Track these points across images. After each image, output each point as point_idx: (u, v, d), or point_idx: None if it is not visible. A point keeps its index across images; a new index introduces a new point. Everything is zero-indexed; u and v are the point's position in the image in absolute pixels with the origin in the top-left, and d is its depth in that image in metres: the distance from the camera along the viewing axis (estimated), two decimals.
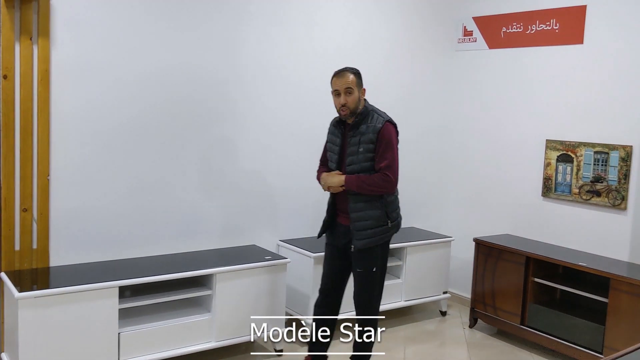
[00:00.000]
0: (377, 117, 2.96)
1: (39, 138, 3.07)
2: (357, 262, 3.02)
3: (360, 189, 2.93)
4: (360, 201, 2.95)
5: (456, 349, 3.85)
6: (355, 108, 2.96)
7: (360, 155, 2.93)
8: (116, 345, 2.99)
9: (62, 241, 3.19)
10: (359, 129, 2.95)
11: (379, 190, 2.93)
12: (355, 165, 2.95)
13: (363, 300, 3.05)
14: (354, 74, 2.97)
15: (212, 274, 3.29)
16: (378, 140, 2.91)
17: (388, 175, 2.91)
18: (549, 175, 4.07)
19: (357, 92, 2.96)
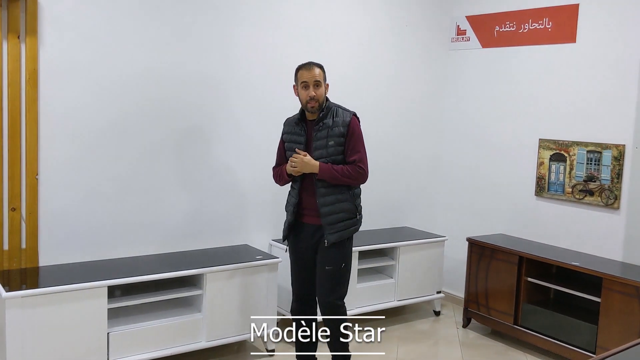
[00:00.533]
0: (342, 111, 2.97)
1: (27, 137, 3.05)
2: (326, 259, 2.96)
3: (334, 179, 2.90)
4: (329, 194, 2.92)
5: (450, 349, 3.83)
6: (322, 102, 2.95)
7: (331, 148, 2.91)
8: (105, 345, 2.97)
9: (51, 241, 3.18)
10: (325, 123, 2.93)
11: (352, 181, 2.94)
12: (325, 159, 2.92)
13: (333, 299, 2.98)
14: (320, 68, 2.97)
15: (202, 274, 3.27)
16: (349, 134, 2.91)
17: (362, 167, 2.93)
18: (542, 174, 4.06)
19: (323, 86, 2.96)
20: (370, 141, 4.39)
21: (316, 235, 2.99)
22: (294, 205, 3.03)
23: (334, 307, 2.99)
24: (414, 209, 4.73)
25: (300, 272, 3.10)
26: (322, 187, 2.93)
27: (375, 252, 4.15)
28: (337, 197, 2.93)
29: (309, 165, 2.92)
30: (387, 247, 4.10)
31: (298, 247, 3.08)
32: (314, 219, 2.98)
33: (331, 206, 2.93)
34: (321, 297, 3.01)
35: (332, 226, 2.92)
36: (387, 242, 4.09)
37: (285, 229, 3.09)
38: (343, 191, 2.94)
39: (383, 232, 4.39)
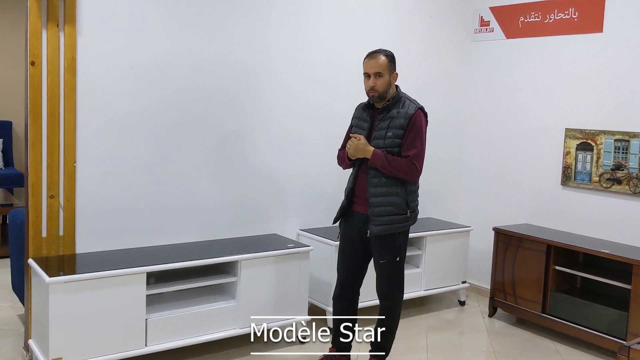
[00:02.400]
0: (409, 103, 2.91)
1: (65, 125, 3.08)
2: (379, 252, 2.94)
3: (384, 169, 2.84)
4: (381, 185, 2.87)
5: (477, 338, 3.86)
6: (384, 92, 2.89)
7: (388, 139, 2.86)
8: (143, 331, 3.00)
9: (88, 228, 3.20)
10: (389, 113, 2.89)
11: (403, 175, 2.86)
12: (381, 150, 2.89)
13: (388, 292, 3.00)
14: (387, 56, 2.89)
15: (237, 261, 3.29)
16: (409, 127, 2.85)
17: (415, 164, 2.85)
18: (569, 163, 4.08)
19: (387, 75, 2.88)
20: None
21: (365, 224, 2.94)
22: (349, 191, 3.02)
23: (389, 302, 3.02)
24: (439, 200, 4.75)
25: (345, 259, 3.08)
26: (374, 177, 2.88)
27: None
28: (389, 189, 2.87)
29: (362, 150, 2.89)
30: (414, 236, 4.11)
31: (347, 234, 3.06)
32: (364, 208, 2.95)
33: (381, 198, 2.87)
34: (379, 287, 3.02)
35: (377, 218, 2.87)
36: (414, 232, 4.10)
37: (338, 212, 3.07)
38: (396, 184, 2.88)
39: None
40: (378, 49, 2.93)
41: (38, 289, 2.95)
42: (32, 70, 2.96)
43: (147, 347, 3.02)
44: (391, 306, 3.03)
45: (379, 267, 2.97)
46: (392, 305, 3.03)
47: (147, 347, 3.02)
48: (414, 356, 3.48)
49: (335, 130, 3.52)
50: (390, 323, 3.05)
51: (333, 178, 3.88)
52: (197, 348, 3.34)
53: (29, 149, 3.01)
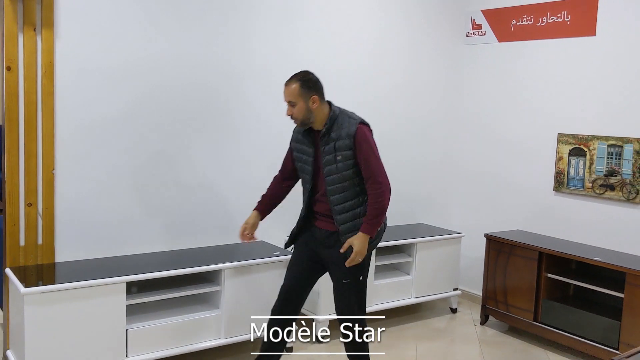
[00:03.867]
0: (348, 120, 2.69)
1: (43, 131, 3.01)
2: (342, 270, 2.73)
3: (377, 224, 2.69)
4: (346, 211, 2.70)
5: (468, 347, 3.78)
6: (305, 118, 2.69)
7: (340, 164, 2.66)
8: (124, 342, 2.93)
9: (68, 236, 3.13)
10: (331, 135, 2.68)
11: (385, 204, 2.68)
12: (336, 176, 2.68)
13: (349, 313, 2.79)
14: (300, 81, 2.67)
15: (221, 270, 3.22)
16: (356, 146, 2.65)
17: (380, 183, 2.66)
18: (561, 169, 4.01)
19: (302, 102, 2.65)
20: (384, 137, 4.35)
21: (329, 239, 2.78)
22: (303, 218, 2.87)
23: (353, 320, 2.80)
24: (429, 206, 4.68)
25: (295, 266, 2.91)
26: (336, 203, 2.71)
27: (392, 249, 4.10)
28: (354, 212, 2.71)
29: (363, 246, 2.66)
30: (404, 243, 4.04)
31: (305, 242, 2.89)
32: (328, 225, 2.77)
33: (349, 224, 2.70)
34: (342, 310, 2.81)
35: (347, 235, 2.70)
36: (404, 239, 4.04)
37: (289, 238, 2.94)
38: (358, 201, 2.71)
39: (399, 229, 4.33)
40: (294, 75, 2.71)
41: (14, 300, 2.88)
42: (8, 75, 2.89)
43: (127, 359, 2.94)
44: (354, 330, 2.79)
45: (342, 286, 2.78)
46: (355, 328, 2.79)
47: (128, 358, 2.94)
48: None
49: None
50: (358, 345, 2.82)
51: None
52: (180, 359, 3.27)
53: (5, 156, 2.94)
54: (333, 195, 2.71)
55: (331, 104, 2.76)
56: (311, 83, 2.70)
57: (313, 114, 2.69)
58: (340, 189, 2.70)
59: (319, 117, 2.71)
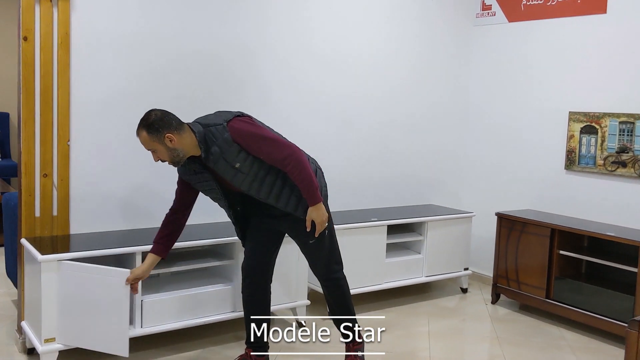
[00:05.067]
0: (215, 130, 2.51)
1: (59, 102, 3.02)
2: (304, 234, 2.69)
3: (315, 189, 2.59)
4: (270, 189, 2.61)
5: (481, 324, 3.78)
6: (174, 158, 2.53)
7: (245, 168, 2.54)
8: (139, 313, 2.93)
9: (83, 208, 3.14)
10: (213, 153, 2.51)
11: (306, 169, 2.56)
12: (247, 179, 2.57)
13: (328, 271, 2.80)
14: (146, 128, 2.50)
15: (234, 243, 3.22)
16: (242, 144, 2.51)
17: (286, 157, 2.53)
18: (572, 147, 4.01)
19: (160, 146, 2.50)
20: (395, 119, 4.41)
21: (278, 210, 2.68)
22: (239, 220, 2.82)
23: (334, 283, 2.83)
24: (440, 187, 4.68)
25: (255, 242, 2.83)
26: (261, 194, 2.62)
27: (403, 228, 4.10)
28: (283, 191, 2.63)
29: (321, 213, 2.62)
30: (415, 222, 4.05)
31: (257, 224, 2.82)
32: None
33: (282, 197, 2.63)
34: (318, 269, 2.82)
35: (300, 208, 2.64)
36: (416, 217, 4.04)
37: (239, 233, 2.86)
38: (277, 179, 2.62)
39: (409, 208, 4.34)
40: (139, 122, 2.53)
41: (31, 269, 2.88)
42: (25, 45, 2.90)
43: (142, 329, 2.95)
44: (335, 284, 2.83)
45: (310, 247, 2.76)
46: (336, 283, 2.83)
47: (143, 328, 2.95)
48: (416, 343, 3.41)
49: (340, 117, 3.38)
50: (341, 300, 2.85)
51: (334, 166, 3.82)
52: (193, 331, 3.28)
53: (22, 127, 2.95)
54: (258, 194, 2.62)
55: (192, 126, 2.55)
56: (157, 124, 2.48)
57: (178, 150, 2.50)
58: (259, 185, 2.60)
59: (188, 147, 2.52)
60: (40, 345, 2.71)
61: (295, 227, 2.73)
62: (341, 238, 3.07)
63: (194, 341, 3.24)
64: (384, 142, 4.31)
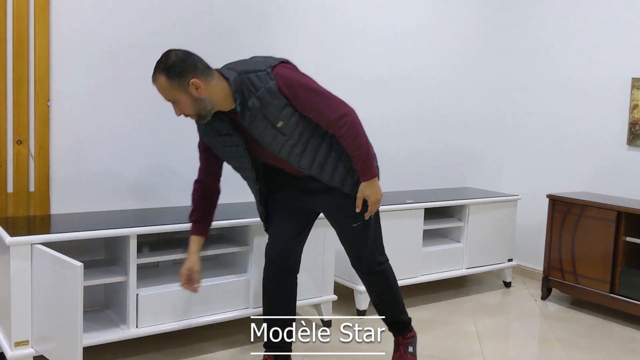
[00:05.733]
0: (257, 78, 2.01)
1: (36, 54, 2.49)
2: (348, 215, 2.22)
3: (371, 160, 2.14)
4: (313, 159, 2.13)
5: (533, 323, 3.25)
6: (200, 111, 2.03)
7: (285, 129, 2.05)
8: (134, 309, 2.39)
9: (66, 183, 2.61)
10: (250, 107, 2.01)
11: (362, 135, 2.10)
12: (293, 145, 2.09)
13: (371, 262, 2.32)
14: (165, 72, 1.97)
15: (249, 226, 2.68)
16: (289, 99, 2.02)
17: (342, 117, 2.05)
18: (637, 119, 3.46)
19: (183, 95, 1.99)
20: (425, 89, 3.87)
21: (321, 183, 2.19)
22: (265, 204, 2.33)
23: (379, 275, 2.36)
24: (478, 168, 4.14)
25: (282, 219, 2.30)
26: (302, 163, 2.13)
27: (440, 212, 3.56)
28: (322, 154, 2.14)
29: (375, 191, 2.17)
30: (454, 205, 3.50)
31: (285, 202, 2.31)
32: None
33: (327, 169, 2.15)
34: (358, 262, 2.34)
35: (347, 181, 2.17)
36: (455, 199, 3.50)
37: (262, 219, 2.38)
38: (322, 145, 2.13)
39: (445, 191, 3.80)
40: (156, 65, 2.00)
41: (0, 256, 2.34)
42: None
43: (137, 329, 2.41)
44: (380, 277, 2.36)
45: (353, 233, 2.27)
46: (382, 275, 2.36)
47: (139, 328, 2.41)
48: (465, 343, 2.87)
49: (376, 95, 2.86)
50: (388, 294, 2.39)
51: None
52: (200, 332, 2.74)
53: None
54: (299, 161, 2.13)
55: (223, 72, 2.05)
56: (179, 67, 1.97)
57: (205, 100, 2.01)
58: (301, 150, 2.11)
59: (219, 98, 2.04)
60: (10, 349, 2.18)
61: (337, 205, 2.24)
62: None
63: (201, 344, 2.70)
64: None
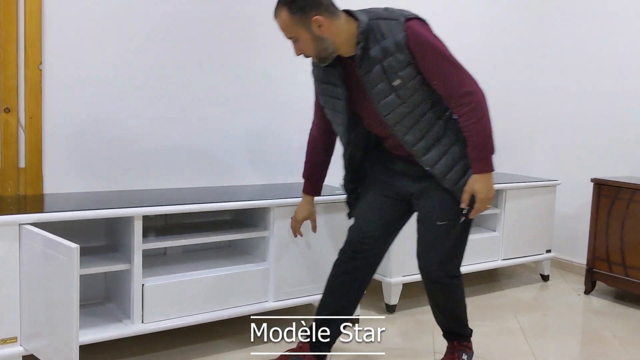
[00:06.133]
0: (387, 25, 1.78)
1: (27, 10, 2.18)
2: (437, 211, 1.94)
3: (490, 151, 1.84)
4: (421, 137, 1.87)
5: (584, 320, 2.94)
6: (320, 51, 1.82)
7: (401, 91, 1.80)
8: (139, 302, 2.08)
9: (61, 158, 2.31)
10: (371, 56, 1.78)
11: (487, 119, 1.83)
12: (404, 114, 1.83)
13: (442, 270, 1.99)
14: (287, 5, 1.78)
15: (269, 208, 2.37)
16: (416, 57, 1.77)
17: (470, 94, 1.80)
18: None
19: (304, 32, 1.80)
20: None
21: (419, 169, 1.93)
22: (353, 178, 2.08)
23: (447, 284, 2.03)
24: (509, 151, 3.80)
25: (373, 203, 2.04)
26: (407, 138, 1.87)
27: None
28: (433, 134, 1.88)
29: (488, 188, 1.86)
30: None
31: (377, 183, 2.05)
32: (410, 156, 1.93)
33: (433, 151, 1.87)
34: (426, 265, 2.01)
35: (451, 174, 1.89)
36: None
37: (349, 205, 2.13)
38: (435, 124, 1.87)
39: None
40: (277, 3, 1.82)
41: None
42: None
43: (143, 325, 2.10)
44: (448, 287, 2.03)
45: (435, 231, 1.96)
46: (447, 289, 2.04)
47: (145, 324, 2.10)
48: (511, 341, 2.55)
49: None
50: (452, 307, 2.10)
51: None
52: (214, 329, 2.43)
53: None
54: (404, 135, 1.87)
55: (352, 12, 1.84)
56: (302, 1, 1.78)
57: (327, 40, 1.81)
58: (411, 122, 1.86)
59: (341, 39, 1.82)
60: None
61: (430, 195, 1.95)
62: None
63: (215, 341, 2.38)
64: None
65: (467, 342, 2.17)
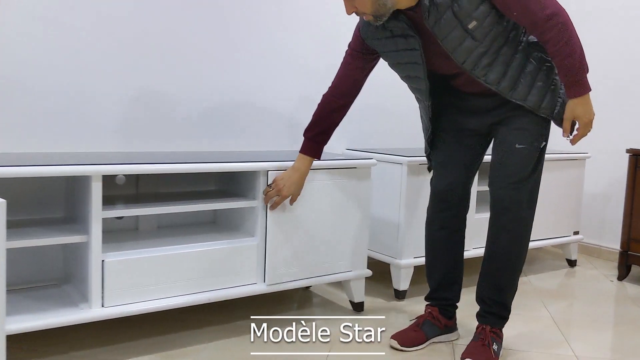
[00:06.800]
0: None
1: None
2: (517, 134, 1.77)
3: (584, 71, 1.69)
4: (504, 72, 1.70)
5: (623, 308, 2.55)
6: (378, 7, 1.62)
7: (480, 32, 1.63)
8: (98, 281, 1.70)
9: (7, 114, 1.91)
10: (439, 3, 1.60)
11: (575, 36, 1.64)
12: (482, 54, 1.67)
13: (512, 201, 1.78)
14: None
15: (258, 172, 1.98)
16: None
17: (552, 16, 1.59)
18: None
19: None
20: None
21: (495, 99, 1.78)
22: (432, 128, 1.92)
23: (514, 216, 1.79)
24: None
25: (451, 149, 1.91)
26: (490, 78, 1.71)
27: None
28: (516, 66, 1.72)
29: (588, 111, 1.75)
30: None
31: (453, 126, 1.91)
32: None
33: (519, 84, 1.72)
34: (500, 187, 1.79)
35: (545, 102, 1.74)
36: None
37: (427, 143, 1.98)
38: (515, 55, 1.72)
39: None
40: None
41: None
42: None
43: (103, 309, 1.71)
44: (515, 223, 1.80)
45: (510, 151, 1.77)
46: (516, 221, 1.80)
47: (105, 308, 1.72)
48: (543, 331, 2.18)
49: None
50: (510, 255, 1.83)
51: None
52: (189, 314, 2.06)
53: None
54: (486, 75, 1.72)
55: None
56: None
57: None
58: (490, 60, 1.70)
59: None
60: None
61: (511, 120, 1.78)
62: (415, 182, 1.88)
63: (191, 331, 2.01)
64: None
65: (499, 330, 1.86)
